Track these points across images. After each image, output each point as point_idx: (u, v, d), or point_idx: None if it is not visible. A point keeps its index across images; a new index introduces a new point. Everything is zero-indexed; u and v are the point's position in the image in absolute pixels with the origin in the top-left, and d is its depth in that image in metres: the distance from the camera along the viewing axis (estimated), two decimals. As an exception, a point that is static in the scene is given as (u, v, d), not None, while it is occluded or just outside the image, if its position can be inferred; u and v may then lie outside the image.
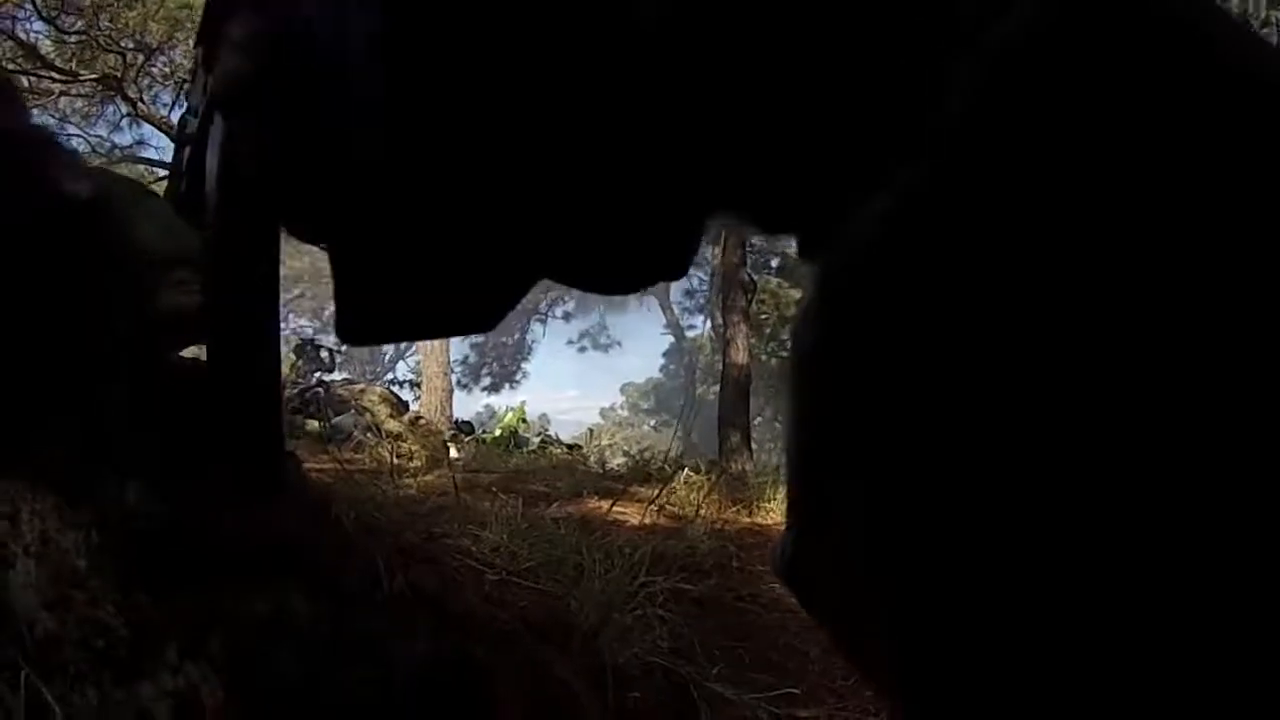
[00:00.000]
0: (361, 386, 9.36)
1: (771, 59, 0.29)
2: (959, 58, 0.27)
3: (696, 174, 0.31)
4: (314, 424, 7.45)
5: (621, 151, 0.30)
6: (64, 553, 1.28)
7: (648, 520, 3.80)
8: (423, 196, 0.32)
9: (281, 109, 0.35)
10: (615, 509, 3.96)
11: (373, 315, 0.37)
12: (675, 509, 4.37)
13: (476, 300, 0.36)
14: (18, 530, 1.30)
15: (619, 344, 31.92)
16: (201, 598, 1.28)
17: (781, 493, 5.01)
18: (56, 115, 12.60)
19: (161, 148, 13.60)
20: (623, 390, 38.25)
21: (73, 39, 11.79)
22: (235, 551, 1.29)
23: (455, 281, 0.35)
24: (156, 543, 1.25)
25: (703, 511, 4.13)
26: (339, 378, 9.74)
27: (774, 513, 4.81)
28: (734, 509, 4.75)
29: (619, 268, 0.36)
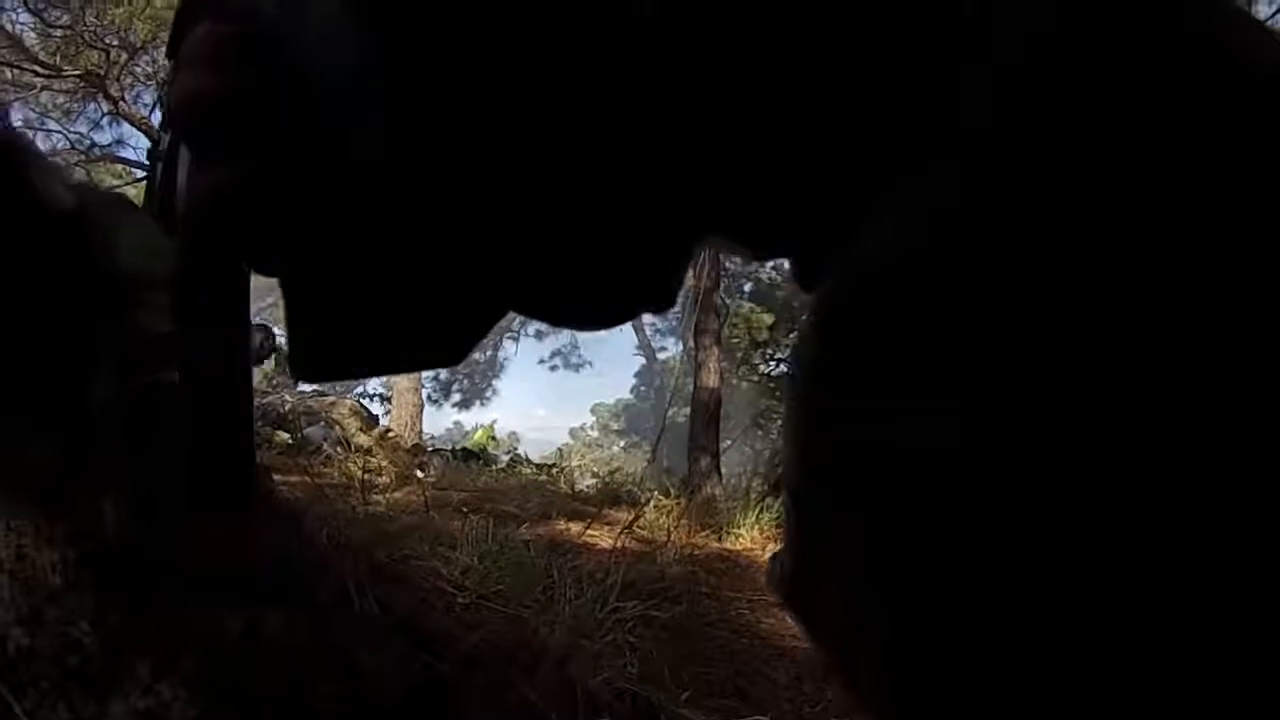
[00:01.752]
0: (332, 399, 9.29)
1: (772, 63, 0.27)
2: (969, 67, 0.25)
3: (690, 189, 0.29)
4: (284, 435, 7.40)
5: (614, 161, 0.28)
6: (40, 569, 1.28)
7: (618, 544, 3.81)
8: (391, 218, 0.30)
9: (244, 130, 0.32)
10: (585, 532, 3.96)
11: (332, 350, 0.34)
12: (645, 533, 4.38)
13: (444, 333, 0.33)
14: (-9, 544, 1.30)
15: (590, 364, 31.87)
16: (175, 615, 1.28)
17: (750, 518, 5.03)
18: (37, 110, 12.49)
19: (140, 148, 13.46)
20: (593, 410, 38.19)
21: (58, 33, 11.71)
22: (210, 569, 1.29)
23: (422, 313, 0.32)
24: (133, 561, 1.26)
25: (672, 536, 4.13)
26: (309, 389, 9.69)
27: (743, 538, 4.82)
28: (703, 534, 4.75)
29: (606, 295, 0.33)
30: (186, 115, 0.32)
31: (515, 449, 13.33)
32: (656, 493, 5.70)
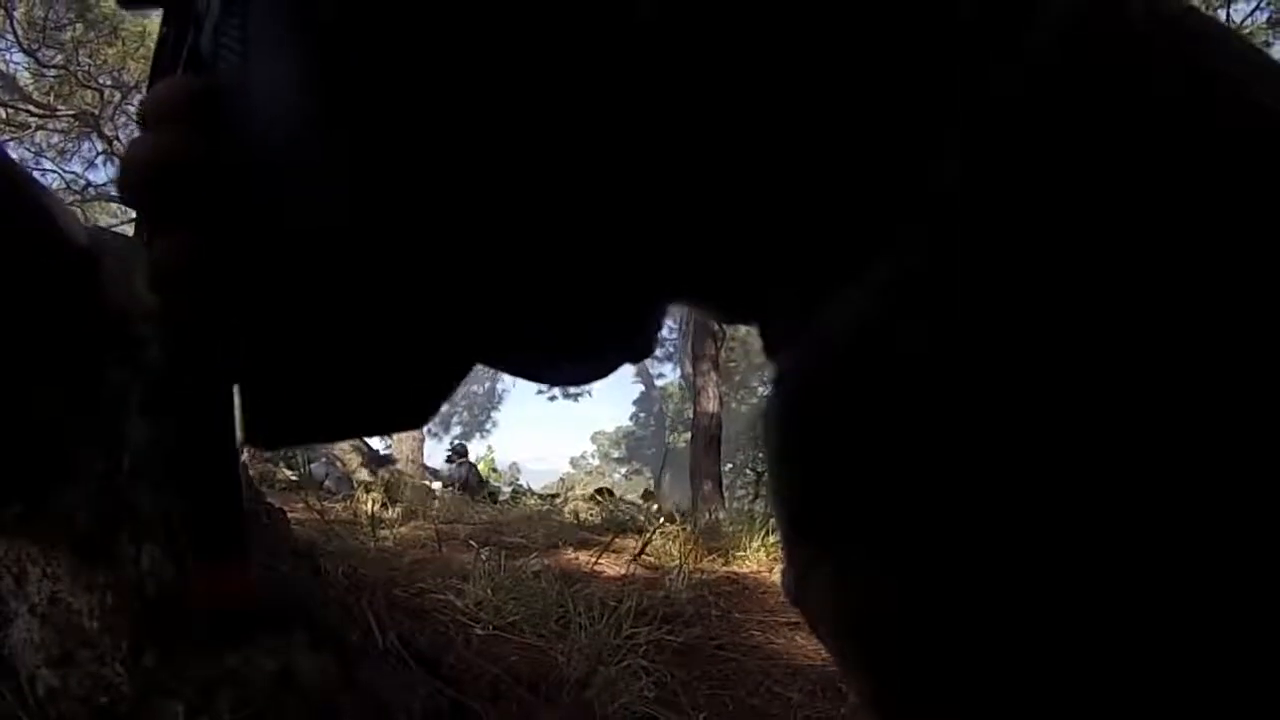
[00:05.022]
0: (333, 435, 9.25)
1: (748, 125, 0.26)
2: (950, 130, 0.24)
3: (663, 244, 0.28)
4: (288, 472, 7.40)
5: (586, 211, 0.27)
6: (74, 613, 1.30)
7: (628, 571, 3.82)
8: (349, 280, 0.28)
9: (191, 198, 0.30)
10: (595, 561, 3.98)
11: (288, 416, 0.31)
12: (652, 559, 4.38)
13: (407, 395, 0.31)
14: (23, 589, 1.33)
15: (589, 393, 31.84)
16: (211, 657, 1.31)
17: (756, 541, 5.03)
18: (32, 149, 12.50)
19: (135, 187, 13.43)
20: (593, 438, 38.07)
21: (51, 73, 11.77)
22: (230, 607, 1.31)
23: (383, 375, 0.30)
24: (169, 604, 1.28)
25: (681, 562, 4.14)
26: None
27: (749, 561, 4.82)
28: (710, 558, 4.75)
29: (579, 352, 0.32)
30: (133, 183, 0.31)
31: (516, 479, 13.33)
32: (663, 519, 5.69)
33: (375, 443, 11.75)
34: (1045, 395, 0.22)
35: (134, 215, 0.36)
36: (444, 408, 0.34)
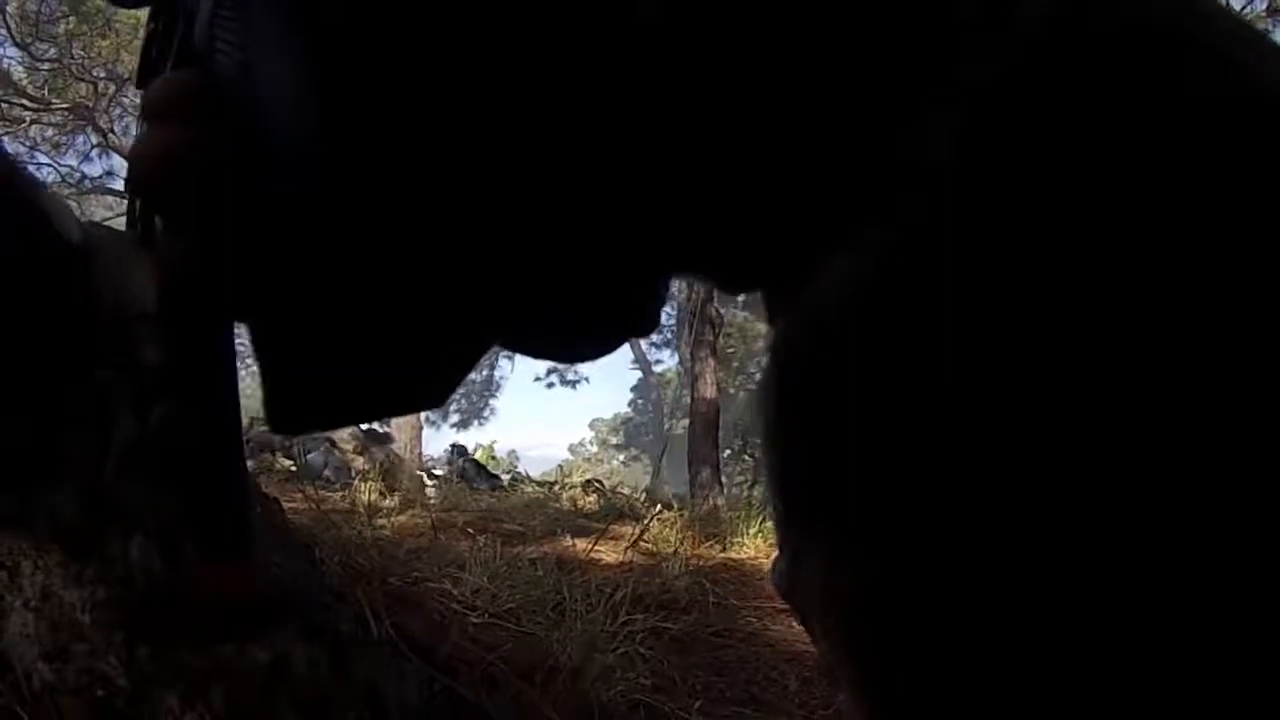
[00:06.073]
0: (331, 424, 9.23)
1: (741, 99, 0.26)
2: (938, 101, 0.24)
3: (662, 218, 0.28)
4: (286, 462, 7.40)
5: (590, 189, 0.27)
6: (67, 607, 1.30)
7: (624, 558, 3.83)
8: (361, 263, 0.28)
9: (202, 195, 0.30)
10: (592, 549, 3.98)
11: (308, 401, 0.32)
12: (650, 546, 4.39)
13: (425, 373, 0.32)
14: (17, 584, 1.33)
15: (586, 380, 31.83)
16: (204, 649, 1.31)
17: (753, 528, 5.04)
18: (27, 143, 12.45)
19: (131, 179, 13.47)
20: (591, 425, 38.08)
21: (45, 67, 11.73)
22: (235, 603, 1.32)
23: (404, 353, 0.31)
24: (160, 597, 1.28)
25: (677, 549, 4.15)
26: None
27: (746, 547, 4.83)
28: (707, 544, 4.76)
29: (584, 328, 0.32)
30: (141, 180, 0.31)
31: (515, 467, 13.36)
32: (660, 506, 5.70)
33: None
34: (1033, 361, 0.22)
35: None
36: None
